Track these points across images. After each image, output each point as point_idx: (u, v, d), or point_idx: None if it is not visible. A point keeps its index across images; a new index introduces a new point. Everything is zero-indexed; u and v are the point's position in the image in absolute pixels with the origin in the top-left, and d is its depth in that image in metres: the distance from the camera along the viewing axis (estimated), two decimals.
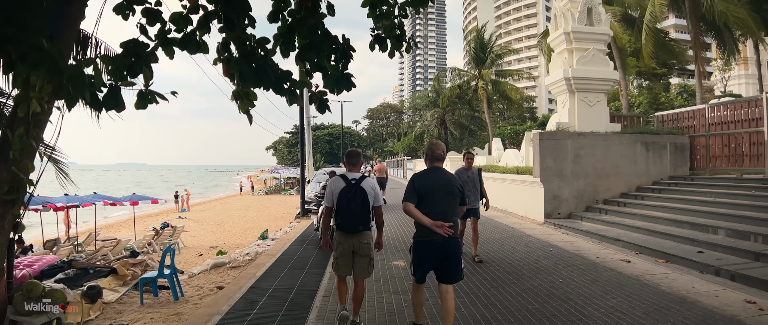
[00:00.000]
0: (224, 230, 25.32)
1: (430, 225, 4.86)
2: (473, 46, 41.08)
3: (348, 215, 5.56)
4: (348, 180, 5.70)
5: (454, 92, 42.43)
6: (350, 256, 5.71)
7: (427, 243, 5.02)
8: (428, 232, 4.93)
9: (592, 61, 16.31)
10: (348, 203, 5.55)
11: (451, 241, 4.97)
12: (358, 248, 5.66)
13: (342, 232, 5.68)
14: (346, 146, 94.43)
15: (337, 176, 5.86)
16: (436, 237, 4.90)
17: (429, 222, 4.87)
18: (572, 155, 14.92)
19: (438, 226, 4.84)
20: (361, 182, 5.67)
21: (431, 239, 4.95)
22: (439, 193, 5.05)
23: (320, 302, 6.95)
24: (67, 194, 16.59)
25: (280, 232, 14.15)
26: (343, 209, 5.58)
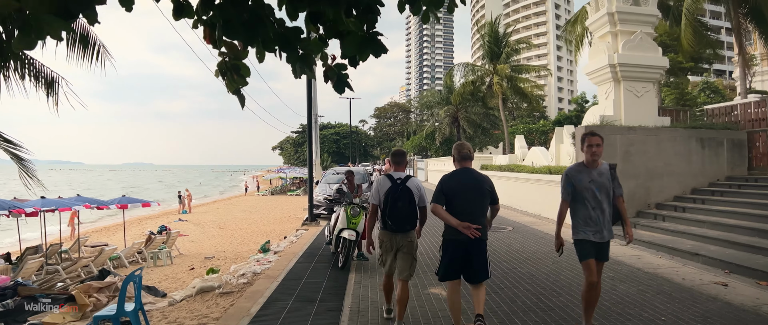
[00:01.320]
0: (225, 235, 23.45)
1: (457, 226, 4.92)
2: (487, 40, 39.07)
3: (395, 215, 5.57)
4: (394, 179, 5.72)
5: (467, 88, 40.40)
6: (394, 254, 5.70)
7: (454, 242, 5.08)
8: (456, 231, 4.97)
9: (640, 45, 14.33)
10: (395, 203, 5.57)
11: (478, 242, 5.02)
12: (403, 246, 5.65)
13: (387, 231, 5.68)
14: (354, 146, 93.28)
15: (383, 176, 5.89)
16: (463, 237, 4.95)
17: (456, 223, 4.93)
18: (621, 153, 12.97)
19: (464, 227, 4.88)
20: (406, 181, 5.70)
21: (458, 238, 5.00)
22: (468, 194, 5.07)
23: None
24: (43, 197, 14.75)
25: (285, 242, 12.20)
26: (391, 209, 5.58)
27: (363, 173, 20.37)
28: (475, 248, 5.05)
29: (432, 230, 12.27)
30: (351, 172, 10.13)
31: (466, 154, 5.28)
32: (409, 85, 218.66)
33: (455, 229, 4.95)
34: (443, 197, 5.09)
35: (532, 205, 17.25)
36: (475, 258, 5.09)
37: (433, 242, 11.17)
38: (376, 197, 5.78)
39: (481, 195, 5.12)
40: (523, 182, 18.40)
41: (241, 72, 3.74)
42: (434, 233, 12.12)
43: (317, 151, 30.00)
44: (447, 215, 4.99)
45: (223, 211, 38.88)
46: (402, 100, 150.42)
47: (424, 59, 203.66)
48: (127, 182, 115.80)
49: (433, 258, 9.25)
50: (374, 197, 5.85)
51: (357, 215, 8.78)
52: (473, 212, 5.03)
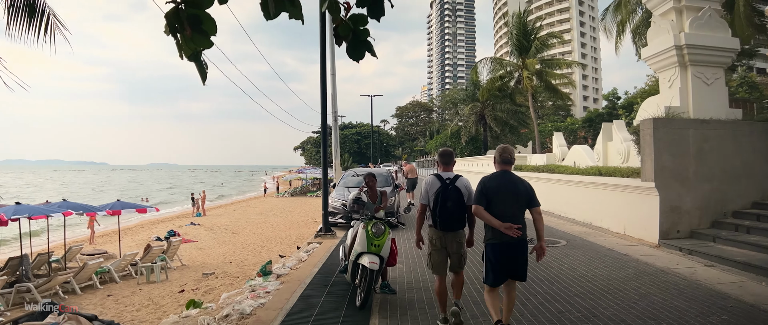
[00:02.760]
0: (237, 242, 21.71)
1: (499, 227, 5.01)
2: (515, 33, 36.80)
3: (445, 214, 5.66)
4: (443, 179, 5.77)
5: (495, 84, 38.16)
6: (444, 253, 5.81)
7: (498, 245, 5.15)
8: (499, 234, 5.08)
9: (708, 24, 12.19)
10: (445, 203, 5.65)
11: (520, 242, 5.13)
12: (452, 245, 5.78)
13: (438, 230, 5.77)
14: (375, 146, 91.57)
15: (433, 176, 5.93)
16: (507, 238, 5.05)
17: (498, 224, 5.02)
18: (695, 150, 10.88)
19: (507, 228, 4.98)
20: (455, 181, 5.77)
21: (502, 240, 5.10)
22: (508, 196, 5.16)
23: None
24: (18, 203, 13.05)
25: (291, 260, 10.12)
26: (440, 209, 5.66)
27: (386, 175, 18.24)
28: (517, 248, 5.17)
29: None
30: (372, 175, 7.90)
31: (507, 158, 5.36)
32: (430, 84, 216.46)
33: (498, 231, 5.06)
34: (484, 198, 5.18)
35: (578, 211, 15.16)
36: (518, 259, 5.18)
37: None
38: (426, 197, 5.83)
39: (519, 198, 5.20)
40: (565, 184, 16.31)
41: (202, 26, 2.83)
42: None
43: (337, 151, 28.05)
44: (489, 216, 5.09)
45: (238, 213, 37.34)
46: (424, 99, 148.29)
47: (445, 58, 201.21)
48: (147, 182, 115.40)
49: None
50: (423, 197, 5.89)
51: (381, 235, 6.65)
52: (514, 213, 5.10)
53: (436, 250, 5.79)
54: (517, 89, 39.74)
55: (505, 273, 5.20)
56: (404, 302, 6.95)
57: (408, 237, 12.19)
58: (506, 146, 5.54)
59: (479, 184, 5.31)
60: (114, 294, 12.13)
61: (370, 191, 7.70)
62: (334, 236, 13.10)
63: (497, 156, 5.40)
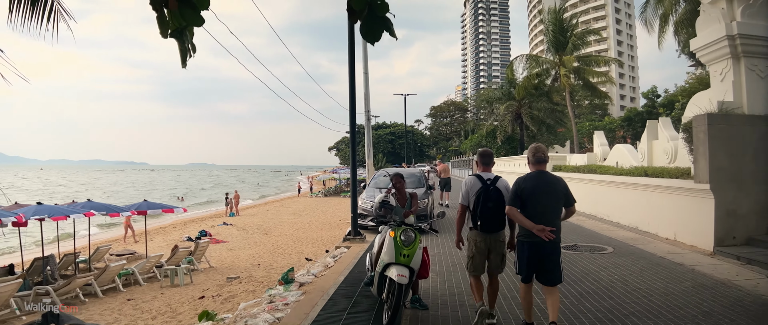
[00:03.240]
0: (268, 243, 21.40)
1: (532, 228, 5.00)
2: (551, 29, 35.83)
3: (486, 215, 5.60)
4: (483, 180, 5.71)
5: (532, 82, 37.25)
6: (486, 254, 5.73)
7: (528, 244, 5.17)
8: (530, 233, 5.06)
9: (760, 12, 11.28)
10: (486, 204, 5.58)
11: (552, 244, 5.07)
12: (494, 246, 5.70)
13: (479, 231, 5.70)
14: (409, 146, 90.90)
15: (473, 176, 5.87)
16: (537, 239, 5.03)
17: (531, 226, 5.01)
18: (752, 149, 10.04)
19: (539, 230, 4.95)
20: (496, 182, 5.71)
21: (532, 240, 5.09)
22: (543, 196, 5.12)
23: None
24: (40, 203, 12.84)
25: (317, 266, 9.61)
26: (482, 210, 5.60)
27: (419, 176, 17.49)
28: (548, 250, 5.13)
29: None
30: (399, 175, 7.29)
31: (541, 157, 5.34)
32: (465, 84, 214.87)
33: (529, 231, 5.05)
34: (519, 199, 5.18)
35: (623, 214, 14.33)
36: (548, 260, 5.15)
37: None
38: (466, 198, 5.79)
39: (555, 198, 5.19)
40: (608, 186, 15.50)
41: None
42: None
43: (369, 151, 27.53)
44: (522, 218, 5.12)
45: (272, 213, 37.18)
46: (458, 99, 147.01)
47: (480, 57, 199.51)
48: (190, 181, 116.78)
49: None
50: (464, 198, 5.84)
51: (411, 243, 5.86)
52: (548, 215, 5.08)
53: (479, 252, 5.72)
54: (554, 87, 38.80)
55: (533, 270, 5.27)
56: (437, 319, 6.26)
57: (442, 243, 11.62)
58: (539, 145, 5.48)
59: (514, 184, 5.33)
60: (134, 299, 11.82)
61: (399, 193, 7.12)
62: (363, 240, 12.63)
63: (530, 156, 5.39)
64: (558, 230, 5.11)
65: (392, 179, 7.17)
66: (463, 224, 5.95)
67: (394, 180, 7.18)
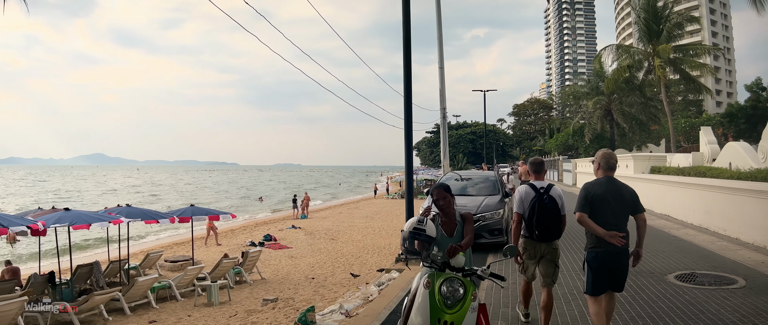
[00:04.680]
0: (332, 250, 20.04)
1: (604, 235, 4.92)
2: (643, 16, 32.79)
3: (542, 225, 5.57)
4: (537, 189, 5.66)
5: (623, 74, 34.15)
6: (537, 261, 5.72)
7: (600, 253, 5.04)
8: (602, 242, 4.97)
9: None
10: (542, 212, 5.56)
11: (624, 251, 5.01)
12: (547, 253, 5.67)
13: (534, 241, 5.67)
14: (490, 146, 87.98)
15: (526, 185, 5.81)
16: (612, 248, 4.95)
17: (603, 232, 4.93)
18: None
19: (611, 236, 4.89)
20: (549, 190, 5.65)
21: (606, 249, 4.99)
22: (612, 203, 5.03)
23: None
24: (67, 209, 11.83)
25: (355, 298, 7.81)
26: (538, 219, 5.56)
27: (493, 180, 14.52)
28: (620, 257, 5.03)
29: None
30: (444, 188, 4.85)
31: (613, 164, 5.26)
32: (549, 81, 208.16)
33: (601, 239, 4.97)
34: (588, 206, 5.07)
35: (749, 230, 11.72)
36: (621, 268, 5.05)
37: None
38: (521, 207, 5.69)
39: (624, 205, 5.08)
40: (724, 193, 13.01)
41: None
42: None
43: (445, 151, 25.87)
44: (593, 224, 5.00)
45: (344, 216, 36.00)
46: (542, 97, 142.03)
47: (564, 54, 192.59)
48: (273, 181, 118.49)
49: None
50: (519, 207, 5.74)
51: (458, 303, 3.97)
52: (618, 221, 5.00)
53: (529, 259, 5.77)
54: (647, 81, 35.61)
55: (606, 282, 5.09)
56: None
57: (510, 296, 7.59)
58: (611, 152, 5.38)
59: (582, 190, 5.23)
60: (160, 320, 10.59)
61: (444, 216, 4.81)
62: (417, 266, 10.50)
63: (602, 162, 5.26)
64: (627, 236, 5.01)
65: (434, 195, 4.79)
66: (519, 234, 5.82)
67: (437, 195, 4.77)
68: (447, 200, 4.79)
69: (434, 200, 4.81)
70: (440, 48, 23.95)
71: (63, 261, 13.18)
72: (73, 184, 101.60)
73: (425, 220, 4.40)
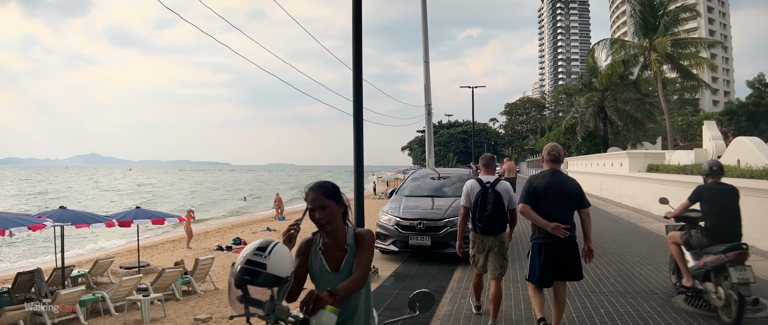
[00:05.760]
0: None
1: (546, 227, 4.97)
2: (639, 9, 31.21)
3: (484, 217, 5.67)
4: (483, 183, 5.78)
5: (617, 69, 32.43)
6: (486, 254, 5.77)
7: (544, 245, 5.09)
8: (545, 233, 5.03)
9: None
10: (484, 206, 5.68)
11: (569, 242, 5.03)
12: (494, 246, 5.71)
13: (479, 233, 5.78)
14: (480, 145, 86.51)
15: (473, 179, 5.95)
16: (554, 239, 5.00)
17: (544, 223, 4.98)
18: None
19: (554, 228, 4.91)
20: (495, 185, 5.76)
21: (548, 240, 5.04)
22: (556, 195, 5.08)
23: None
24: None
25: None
26: (480, 212, 5.70)
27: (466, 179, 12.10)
28: (566, 248, 5.06)
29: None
30: (325, 190, 2.76)
31: (555, 156, 5.32)
32: (542, 81, 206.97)
33: (544, 231, 5.00)
34: (531, 198, 5.16)
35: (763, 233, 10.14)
36: (567, 256, 5.07)
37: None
38: (467, 201, 5.84)
39: (568, 197, 5.10)
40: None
41: None
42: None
43: (430, 149, 24.36)
44: (535, 216, 5.07)
45: None
46: (535, 96, 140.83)
47: (558, 53, 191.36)
48: (272, 181, 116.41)
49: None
50: (465, 200, 5.89)
51: None
52: (561, 213, 5.02)
53: (478, 252, 5.84)
54: (642, 76, 33.98)
55: (552, 274, 5.13)
56: None
57: None
58: (554, 144, 5.49)
59: (526, 183, 5.37)
60: None
61: (327, 237, 2.85)
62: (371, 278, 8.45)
63: (546, 155, 5.36)
64: (573, 228, 5.05)
65: (307, 201, 2.78)
66: (464, 227, 6.06)
67: (312, 201, 2.75)
68: (329, 211, 2.76)
69: (309, 210, 2.80)
70: (425, 41, 22.65)
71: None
72: (67, 185, 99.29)
73: (271, 245, 2.41)
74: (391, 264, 9.71)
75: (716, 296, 5.85)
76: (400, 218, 9.81)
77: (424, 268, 9.31)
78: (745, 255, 5.78)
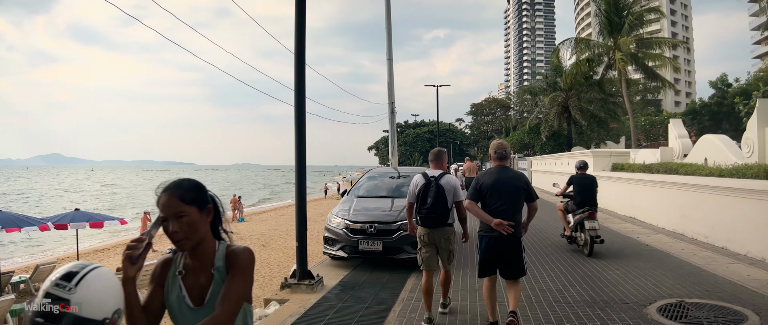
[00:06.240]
0: (260, 258, 17.46)
1: (489, 222, 5.05)
2: (604, 8, 30.96)
3: (424, 211, 5.70)
4: (428, 177, 5.80)
5: (582, 68, 32.17)
6: (434, 249, 5.81)
7: (487, 238, 5.19)
8: (489, 227, 5.11)
9: None
10: (424, 199, 5.70)
11: (512, 238, 5.11)
12: (439, 241, 5.75)
13: (425, 227, 5.79)
14: (446, 144, 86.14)
15: (420, 174, 5.95)
16: (496, 233, 5.05)
17: (488, 219, 5.06)
18: None
19: (497, 224, 4.97)
20: (440, 179, 5.76)
21: (492, 234, 5.12)
22: (502, 191, 5.17)
23: None
24: None
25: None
26: (421, 205, 5.74)
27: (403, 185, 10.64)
28: (509, 244, 5.13)
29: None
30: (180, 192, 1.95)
31: (502, 154, 5.44)
32: (508, 82, 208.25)
33: (489, 225, 5.08)
34: (478, 194, 5.27)
35: (741, 238, 9.45)
36: (509, 254, 5.19)
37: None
38: (412, 195, 5.93)
39: (515, 193, 5.20)
40: (704, 194, 10.83)
41: None
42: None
43: (393, 148, 23.59)
44: (481, 212, 5.17)
45: (286, 218, 33.18)
46: (501, 97, 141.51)
47: (523, 54, 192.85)
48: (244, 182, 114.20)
49: None
50: (411, 195, 5.97)
51: None
52: (508, 209, 5.11)
53: (425, 245, 5.84)
54: (606, 76, 33.82)
55: (493, 266, 5.27)
56: None
57: None
58: (501, 141, 5.61)
59: (474, 179, 5.43)
60: None
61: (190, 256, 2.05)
62: (313, 288, 7.43)
63: (492, 152, 5.47)
64: (517, 225, 5.16)
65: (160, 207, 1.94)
66: (411, 220, 6.17)
67: (163, 208, 1.94)
68: (187, 222, 1.98)
69: (160, 221, 1.99)
70: (389, 38, 21.94)
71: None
72: (29, 186, 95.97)
73: (84, 270, 1.71)
74: (339, 272, 8.84)
75: (581, 238, 9.69)
76: (349, 221, 8.91)
77: (375, 275, 8.48)
78: (594, 214, 9.41)
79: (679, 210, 11.95)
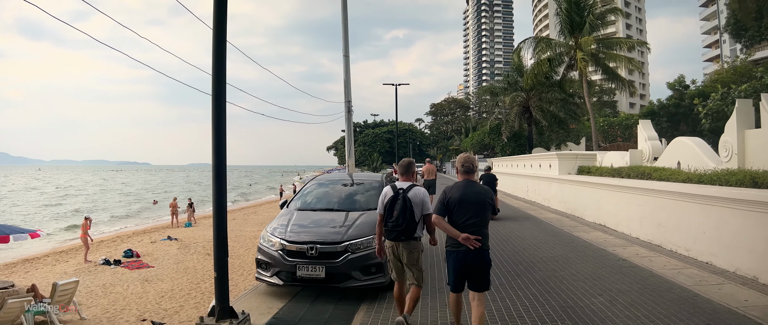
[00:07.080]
0: (200, 269, 15.94)
1: (456, 237, 5.03)
2: (565, 7, 30.39)
3: (390, 224, 5.66)
4: (396, 190, 5.74)
5: (543, 68, 31.50)
6: (400, 263, 5.75)
7: (455, 253, 5.16)
8: (457, 242, 5.07)
9: None
10: (391, 212, 5.66)
11: (479, 252, 5.06)
12: (404, 256, 5.68)
13: (391, 240, 5.74)
14: (406, 145, 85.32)
15: (389, 186, 5.89)
16: (464, 248, 5.04)
17: (455, 234, 5.04)
18: None
19: (464, 239, 4.97)
20: (408, 191, 5.69)
21: (459, 249, 5.09)
22: (470, 205, 5.11)
23: None
24: None
25: None
26: (387, 218, 5.70)
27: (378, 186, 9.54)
28: (476, 258, 5.09)
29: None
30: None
31: (469, 167, 5.38)
32: (467, 83, 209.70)
33: (456, 240, 5.05)
34: (445, 208, 5.21)
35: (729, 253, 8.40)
36: (476, 268, 5.13)
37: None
38: (382, 207, 5.79)
39: (482, 207, 5.15)
40: (683, 202, 9.84)
41: None
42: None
43: (350, 149, 22.39)
44: (448, 226, 5.12)
45: (237, 223, 31.44)
46: (460, 97, 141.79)
47: (482, 55, 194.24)
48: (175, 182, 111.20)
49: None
50: (379, 207, 5.84)
51: None
52: (475, 223, 5.07)
53: (391, 260, 5.83)
54: (567, 76, 33.27)
55: (463, 280, 5.21)
56: None
57: None
58: (468, 155, 5.55)
59: (441, 193, 5.33)
60: None
61: None
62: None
63: (459, 166, 5.43)
64: (485, 238, 5.11)
65: None
66: (381, 234, 5.94)
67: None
68: None
69: None
70: (345, 33, 20.85)
71: None
72: None
73: None
74: (272, 303, 7.35)
75: None
76: (285, 241, 7.42)
77: (315, 308, 7.02)
78: None
79: (654, 219, 10.97)
